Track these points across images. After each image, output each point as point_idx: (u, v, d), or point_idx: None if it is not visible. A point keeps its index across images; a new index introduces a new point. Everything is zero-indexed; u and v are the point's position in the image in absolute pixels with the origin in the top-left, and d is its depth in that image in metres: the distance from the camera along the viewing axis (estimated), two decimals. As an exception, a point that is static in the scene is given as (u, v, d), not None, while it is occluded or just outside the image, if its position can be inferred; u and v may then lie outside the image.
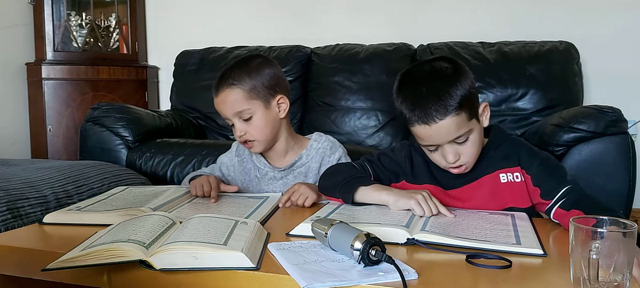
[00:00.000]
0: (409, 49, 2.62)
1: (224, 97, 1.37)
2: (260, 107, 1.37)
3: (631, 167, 1.71)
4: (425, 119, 1.06)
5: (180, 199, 1.26)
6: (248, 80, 1.36)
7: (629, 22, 2.55)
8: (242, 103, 1.35)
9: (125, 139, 2.27)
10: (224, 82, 1.37)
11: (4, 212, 1.29)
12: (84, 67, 3.01)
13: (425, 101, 1.06)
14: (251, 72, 1.37)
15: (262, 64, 1.40)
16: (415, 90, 1.09)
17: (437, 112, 1.05)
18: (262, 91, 1.37)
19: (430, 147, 1.13)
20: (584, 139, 1.74)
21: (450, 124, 1.06)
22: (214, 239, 0.83)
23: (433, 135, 1.08)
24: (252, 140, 1.39)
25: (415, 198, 1.06)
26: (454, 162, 1.12)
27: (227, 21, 3.15)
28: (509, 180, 1.17)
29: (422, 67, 1.14)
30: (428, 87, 1.08)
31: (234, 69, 1.38)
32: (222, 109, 1.38)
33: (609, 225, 0.74)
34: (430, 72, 1.11)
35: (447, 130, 1.07)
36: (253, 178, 1.49)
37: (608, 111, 1.74)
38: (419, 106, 1.07)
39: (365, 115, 2.54)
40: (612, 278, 0.69)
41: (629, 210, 1.73)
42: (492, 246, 0.88)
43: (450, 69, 1.11)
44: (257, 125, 1.37)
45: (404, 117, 1.11)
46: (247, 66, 1.38)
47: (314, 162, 1.45)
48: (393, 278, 0.72)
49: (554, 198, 1.10)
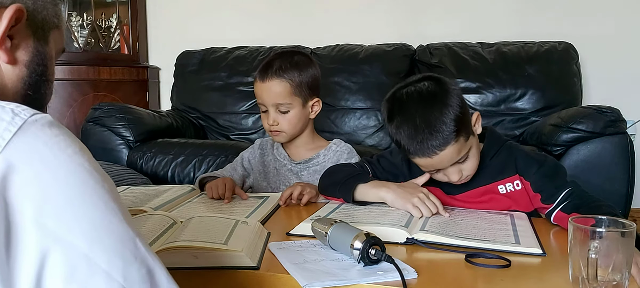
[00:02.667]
0: (409, 49, 2.62)
1: (270, 85, 1.40)
2: (299, 104, 1.43)
3: (630, 167, 1.71)
4: (426, 152, 1.06)
5: (181, 199, 1.27)
6: (297, 76, 1.41)
7: (627, 23, 2.55)
8: (286, 97, 1.40)
9: (126, 138, 2.28)
10: (274, 70, 1.40)
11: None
12: (85, 68, 3.01)
13: (422, 136, 1.05)
14: (302, 69, 1.42)
15: (310, 63, 1.46)
16: (410, 122, 1.06)
17: (436, 145, 1.05)
18: (305, 90, 1.43)
19: (432, 171, 1.13)
20: (582, 139, 1.75)
21: (451, 151, 1.06)
22: (215, 239, 0.84)
23: (435, 163, 1.08)
24: (281, 131, 1.44)
25: (412, 201, 1.06)
26: (457, 180, 1.12)
27: (227, 21, 3.15)
28: (508, 190, 1.17)
29: (409, 93, 1.10)
30: (421, 117, 1.05)
31: (283, 60, 1.42)
32: (265, 95, 1.42)
33: (607, 225, 0.75)
34: (419, 98, 1.08)
35: (449, 157, 1.07)
36: (271, 170, 1.53)
37: (607, 111, 1.75)
38: (417, 141, 1.06)
39: (365, 115, 2.54)
40: (611, 278, 0.70)
41: (628, 210, 1.74)
42: (491, 245, 0.88)
43: (438, 91, 1.08)
44: (290, 119, 1.43)
45: (402, 148, 1.10)
46: (297, 62, 1.43)
47: (329, 163, 1.48)
48: (393, 277, 0.73)
49: (554, 202, 1.09)
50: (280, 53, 1.47)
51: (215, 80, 2.77)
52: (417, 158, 1.09)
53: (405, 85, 1.12)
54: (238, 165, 1.57)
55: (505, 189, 1.17)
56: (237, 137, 2.70)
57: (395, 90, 1.13)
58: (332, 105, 2.59)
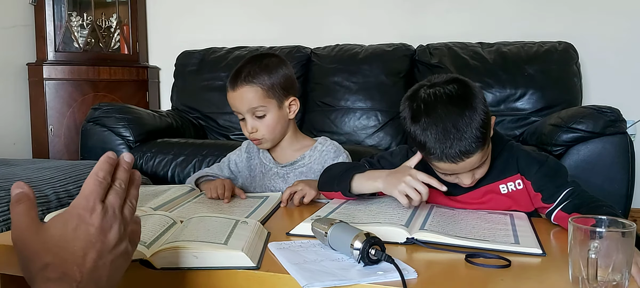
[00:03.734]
0: (409, 50, 2.62)
1: (241, 92, 1.39)
2: (274, 106, 1.40)
3: (630, 167, 1.71)
4: (452, 158, 1.04)
5: (181, 199, 1.27)
6: (267, 79, 1.38)
7: (627, 23, 2.55)
8: (259, 100, 1.38)
9: (126, 138, 2.28)
10: (243, 78, 1.39)
11: (5, 211, 1.30)
12: (85, 68, 3.01)
13: (451, 142, 1.02)
14: (271, 71, 1.40)
15: (279, 63, 1.43)
16: (439, 126, 1.03)
17: (464, 152, 1.03)
18: (278, 91, 1.40)
19: (446, 174, 1.11)
20: (582, 139, 1.75)
21: (476, 158, 1.05)
22: (215, 238, 0.84)
23: (457, 169, 1.07)
24: (262, 138, 1.42)
25: (398, 188, 1.06)
26: (469, 184, 1.11)
27: (227, 21, 3.15)
28: (509, 190, 1.17)
29: (437, 95, 1.06)
30: (451, 122, 1.02)
31: (251, 65, 1.40)
32: (237, 103, 1.40)
33: (607, 225, 0.75)
34: (449, 101, 1.04)
35: (472, 164, 1.06)
36: (258, 174, 1.52)
37: (607, 111, 1.75)
38: (445, 146, 1.02)
39: (365, 115, 2.54)
40: (611, 278, 0.70)
41: (628, 209, 1.74)
42: (491, 245, 0.88)
43: (467, 95, 1.06)
44: (268, 123, 1.41)
45: (424, 150, 1.07)
46: (265, 64, 1.40)
47: (315, 163, 1.46)
48: (393, 277, 0.73)
49: (555, 201, 1.09)
50: (249, 58, 1.44)
51: (215, 80, 2.77)
52: (439, 163, 1.06)
53: (430, 85, 1.09)
54: (224, 167, 1.56)
55: (506, 189, 1.17)
56: (237, 137, 2.70)
57: (418, 89, 1.10)
58: (332, 105, 2.59)
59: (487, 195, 1.17)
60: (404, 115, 1.11)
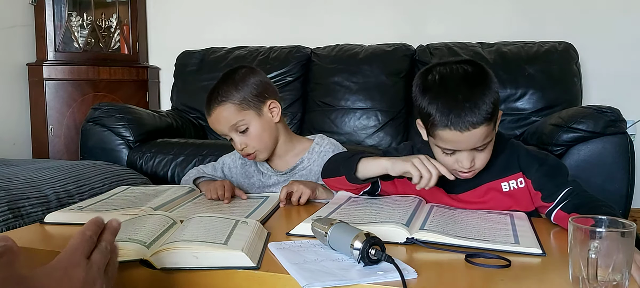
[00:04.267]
0: (409, 49, 2.62)
1: (216, 115, 1.38)
2: (253, 116, 1.38)
3: (630, 167, 1.71)
4: (460, 125, 1.04)
5: (181, 199, 1.27)
6: (236, 93, 1.37)
7: (627, 23, 2.55)
8: (235, 116, 1.37)
9: (126, 138, 2.28)
10: (214, 100, 1.38)
11: (5, 211, 1.30)
12: (85, 68, 3.01)
13: (461, 109, 1.03)
14: (237, 84, 1.38)
15: (246, 74, 1.41)
16: (450, 94, 1.05)
17: (472, 121, 1.03)
18: (252, 100, 1.38)
19: (447, 151, 1.11)
20: (582, 139, 1.74)
21: (481, 132, 1.05)
22: (215, 238, 0.84)
23: (461, 141, 1.06)
24: (254, 151, 1.41)
25: (412, 161, 1.06)
26: (468, 168, 1.10)
27: (227, 21, 3.15)
28: (511, 188, 1.17)
29: (451, 71, 1.09)
30: (464, 94, 1.04)
31: (220, 85, 1.39)
32: (217, 126, 1.40)
33: (607, 225, 0.75)
34: (464, 77, 1.08)
35: (476, 138, 1.05)
36: (256, 181, 1.49)
37: (607, 111, 1.75)
38: (454, 113, 1.03)
39: (365, 115, 2.54)
40: (611, 278, 0.70)
41: (628, 210, 1.73)
42: (491, 245, 0.88)
43: (481, 73, 1.08)
44: (254, 134, 1.39)
45: (431, 119, 1.07)
46: (232, 79, 1.39)
47: (315, 165, 1.45)
48: (393, 277, 0.73)
49: (554, 200, 1.09)
50: (219, 79, 1.42)
51: (215, 80, 2.74)
52: (446, 131, 1.05)
53: (445, 64, 1.11)
54: (218, 169, 1.55)
55: (508, 187, 1.17)
56: (237, 137, 2.69)
57: (434, 66, 1.12)
58: (332, 105, 2.59)
59: (489, 194, 1.17)
60: (416, 89, 1.12)
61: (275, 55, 2.75)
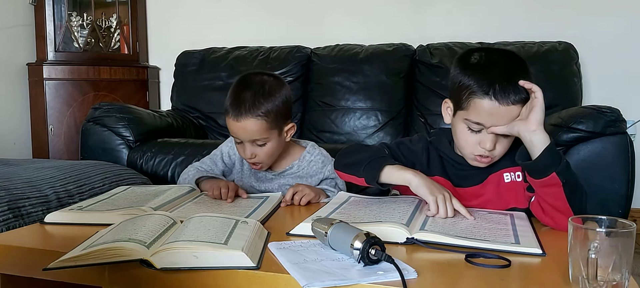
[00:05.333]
0: (409, 49, 2.62)
1: (246, 124, 1.36)
2: (275, 135, 1.40)
3: (630, 167, 1.71)
4: (502, 97, 1.06)
5: (181, 199, 1.27)
6: (273, 110, 1.37)
7: (627, 23, 2.55)
8: (263, 132, 1.37)
9: (126, 138, 2.28)
10: (250, 111, 1.35)
11: (5, 211, 1.30)
12: (85, 67, 3.01)
13: (506, 82, 1.07)
14: (274, 98, 1.37)
15: (280, 86, 1.41)
16: (496, 68, 1.09)
17: (513, 97, 1.06)
18: (280, 120, 1.40)
19: (474, 127, 1.12)
20: (582, 139, 1.74)
21: (515, 110, 1.07)
22: (215, 238, 0.84)
23: (496, 115, 1.08)
24: (261, 162, 1.42)
25: (436, 195, 1.05)
26: (488, 151, 1.11)
27: (227, 21, 3.15)
28: (512, 179, 1.18)
29: (498, 52, 1.18)
30: (511, 72, 1.08)
31: (255, 93, 1.37)
32: (240, 133, 1.38)
33: (607, 224, 0.75)
34: (508, 59, 1.14)
35: (510, 115, 1.07)
36: (246, 169, 1.53)
37: (607, 111, 1.75)
38: (500, 84, 1.07)
39: (365, 115, 2.54)
40: (611, 278, 0.70)
41: (628, 210, 1.73)
42: (491, 245, 0.88)
43: (525, 65, 1.13)
44: (268, 151, 1.40)
45: (469, 89, 1.10)
46: (267, 91, 1.37)
47: (304, 172, 1.49)
48: (393, 277, 0.73)
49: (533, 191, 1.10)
50: (247, 82, 1.40)
51: (215, 80, 2.77)
52: (485, 100, 1.08)
53: (488, 49, 1.18)
54: (218, 160, 1.56)
55: (509, 177, 1.18)
56: (237, 137, 2.70)
57: (477, 49, 1.17)
58: (332, 105, 2.59)
59: (489, 185, 1.19)
60: (457, 67, 1.15)
61: (275, 55, 2.75)
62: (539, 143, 1.04)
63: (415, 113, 2.54)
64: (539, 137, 1.04)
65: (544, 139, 1.04)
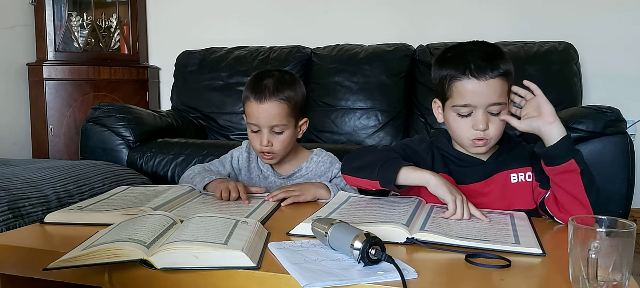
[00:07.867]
0: (409, 49, 2.62)
1: (268, 107, 1.38)
2: (292, 125, 1.43)
3: (630, 167, 1.71)
4: (478, 72, 1.11)
5: (181, 199, 1.27)
6: (293, 98, 1.41)
7: (627, 23, 2.55)
8: (283, 118, 1.40)
9: (126, 138, 2.28)
10: (273, 94, 1.38)
11: (5, 211, 1.30)
12: (85, 68, 3.01)
13: (480, 60, 1.12)
14: (295, 88, 1.43)
15: (299, 82, 1.47)
16: (469, 52, 1.15)
17: (489, 68, 1.11)
18: (299, 110, 1.44)
19: (463, 110, 1.14)
20: (582, 139, 1.74)
21: (497, 84, 1.11)
22: (215, 238, 0.84)
23: (479, 92, 1.11)
24: (274, 153, 1.44)
25: (455, 196, 1.05)
26: (482, 130, 1.13)
27: (227, 21, 3.15)
28: (519, 180, 1.20)
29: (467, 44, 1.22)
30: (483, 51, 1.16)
31: (277, 80, 1.40)
32: (262, 117, 1.40)
33: (607, 224, 0.75)
34: (480, 44, 1.21)
35: (493, 90, 1.11)
36: (255, 177, 1.54)
37: (607, 111, 1.75)
38: (474, 63, 1.12)
39: (365, 115, 2.54)
40: (611, 278, 0.70)
41: (628, 210, 1.73)
42: (491, 245, 0.88)
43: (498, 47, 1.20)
44: (283, 140, 1.43)
45: (449, 77, 1.15)
46: (289, 81, 1.43)
47: (312, 173, 1.50)
48: (393, 277, 0.73)
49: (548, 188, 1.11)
50: (268, 73, 1.44)
51: (215, 80, 2.77)
52: (464, 81, 1.13)
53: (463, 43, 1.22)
54: (227, 163, 1.57)
55: (517, 178, 1.20)
56: (237, 137, 2.70)
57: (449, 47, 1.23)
58: (332, 105, 2.59)
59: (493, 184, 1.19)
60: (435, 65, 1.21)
61: (275, 55, 2.75)
62: (558, 134, 1.09)
63: (415, 113, 2.55)
64: (557, 128, 1.09)
65: (561, 130, 1.09)
